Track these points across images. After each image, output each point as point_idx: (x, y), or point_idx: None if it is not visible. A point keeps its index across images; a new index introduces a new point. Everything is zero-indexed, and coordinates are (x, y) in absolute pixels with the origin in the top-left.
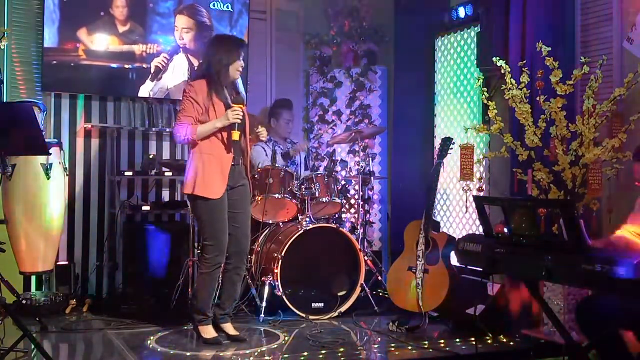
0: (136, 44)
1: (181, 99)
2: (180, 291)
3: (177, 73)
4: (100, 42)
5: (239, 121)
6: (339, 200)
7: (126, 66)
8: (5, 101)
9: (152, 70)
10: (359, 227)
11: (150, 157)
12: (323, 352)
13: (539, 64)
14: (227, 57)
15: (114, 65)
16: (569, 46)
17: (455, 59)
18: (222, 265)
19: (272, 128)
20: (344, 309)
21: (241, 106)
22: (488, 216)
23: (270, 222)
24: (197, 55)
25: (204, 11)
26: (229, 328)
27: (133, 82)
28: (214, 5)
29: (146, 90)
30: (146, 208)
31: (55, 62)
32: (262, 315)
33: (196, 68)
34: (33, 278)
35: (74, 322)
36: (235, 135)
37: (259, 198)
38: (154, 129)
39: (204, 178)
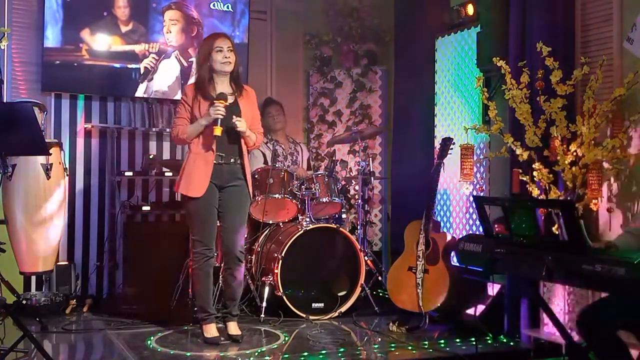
0: (138, 43)
1: (179, 98)
2: (180, 291)
3: (169, 76)
4: (102, 42)
5: (220, 116)
6: (339, 200)
7: (129, 66)
8: (5, 101)
9: (142, 72)
10: (359, 227)
11: (150, 157)
12: (323, 352)
13: (539, 64)
14: (203, 53)
15: (117, 65)
16: (569, 46)
17: (456, 59)
18: (213, 259)
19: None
20: (344, 309)
21: (222, 102)
22: (488, 216)
23: (270, 222)
24: (186, 52)
25: (191, 7)
26: (231, 327)
27: (135, 81)
28: (214, 5)
29: (140, 92)
30: (146, 208)
31: (58, 62)
32: (262, 315)
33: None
34: (33, 278)
35: (74, 322)
36: (217, 131)
37: (259, 198)
38: (154, 129)
39: (187, 176)
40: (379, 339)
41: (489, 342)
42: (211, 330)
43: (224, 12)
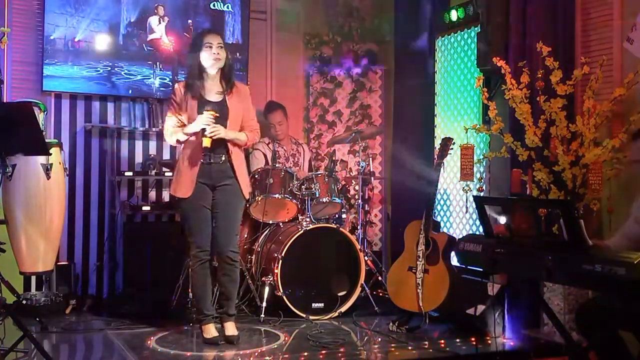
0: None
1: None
2: (180, 291)
3: None
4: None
5: (208, 127)
6: (339, 200)
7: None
8: (5, 101)
9: None
10: (359, 227)
11: (150, 157)
12: (323, 352)
13: (539, 64)
14: (192, 50)
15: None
16: (569, 46)
17: (455, 59)
18: (208, 262)
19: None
20: (344, 309)
21: (213, 112)
22: (488, 216)
23: (270, 222)
24: None
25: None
26: (228, 327)
27: None
28: (213, 5)
29: None
30: (146, 208)
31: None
32: (262, 315)
33: None
34: (33, 278)
35: (74, 322)
36: (206, 142)
37: (259, 198)
38: (154, 129)
39: (177, 177)
40: (379, 339)
41: (489, 342)
42: (210, 330)
43: (223, 12)
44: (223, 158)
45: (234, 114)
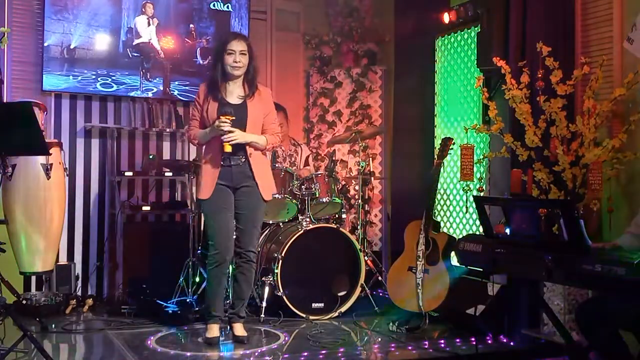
0: None
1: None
2: (180, 291)
3: None
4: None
5: (222, 133)
6: (339, 200)
7: None
8: (5, 101)
9: None
10: (359, 227)
11: (150, 157)
12: (323, 352)
13: (539, 64)
14: (216, 53)
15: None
16: (569, 46)
17: (455, 59)
18: (225, 265)
19: None
20: (344, 309)
21: (228, 117)
22: (488, 216)
23: (270, 222)
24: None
25: None
26: (237, 328)
27: None
28: (213, 5)
29: None
30: (146, 208)
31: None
32: (262, 315)
33: None
34: (33, 278)
35: (74, 322)
36: (227, 147)
37: None
38: (154, 129)
39: (199, 180)
40: (379, 339)
41: (489, 342)
42: (212, 330)
43: (223, 12)
44: (242, 160)
45: (254, 118)
